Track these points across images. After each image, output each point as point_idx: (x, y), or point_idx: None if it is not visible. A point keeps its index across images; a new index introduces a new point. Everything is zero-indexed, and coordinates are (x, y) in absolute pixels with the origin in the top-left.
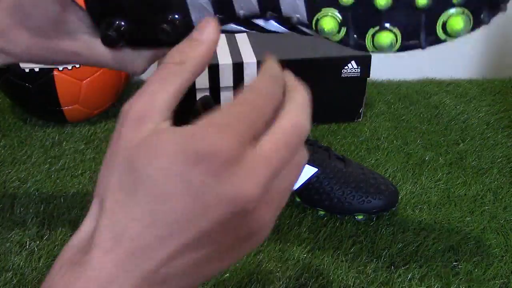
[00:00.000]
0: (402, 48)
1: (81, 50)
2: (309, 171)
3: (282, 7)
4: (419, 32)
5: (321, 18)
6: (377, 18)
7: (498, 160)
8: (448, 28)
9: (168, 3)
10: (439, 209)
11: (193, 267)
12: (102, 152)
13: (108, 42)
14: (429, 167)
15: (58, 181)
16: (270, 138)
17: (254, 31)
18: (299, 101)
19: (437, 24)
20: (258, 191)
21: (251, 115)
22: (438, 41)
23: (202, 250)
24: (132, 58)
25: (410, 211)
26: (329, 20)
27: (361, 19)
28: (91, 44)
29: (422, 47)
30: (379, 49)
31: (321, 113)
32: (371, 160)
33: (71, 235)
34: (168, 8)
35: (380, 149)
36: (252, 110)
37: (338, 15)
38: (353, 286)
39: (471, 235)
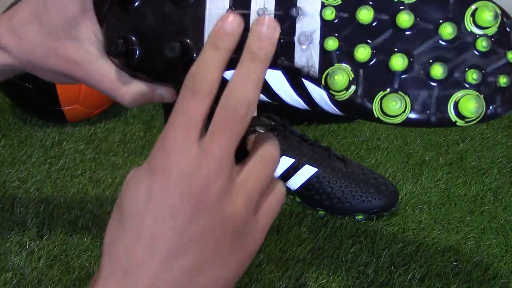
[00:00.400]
0: (408, 119)
1: (82, 60)
2: (309, 171)
3: (295, 56)
4: (430, 105)
5: (332, 72)
6: (389, 81)
7: (498, 160)
8: (460, 108)
9: (184, 28)
10: (439, 209)
11: (186, 276)
12: (102, 152)
13: (113, 50)
14: (429, 167)
15: (58, 181)
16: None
17: None
18: (264, 139)
19: (450, 101)
20: (213, 177)
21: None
22: (448, 120)
23: (186, 256)
24: (126, 84)
25: (410, 211)
26: (341, 75)
27: (373, 79)
28: (93, 57)
29: (430, 122)
30: (385, 113)
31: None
32: (371, 160)
33: (71, 235)
34: (182, 31)
35: (380, 149)
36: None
37: (351, 72)
38: (353, 286)
39: (471, 235)
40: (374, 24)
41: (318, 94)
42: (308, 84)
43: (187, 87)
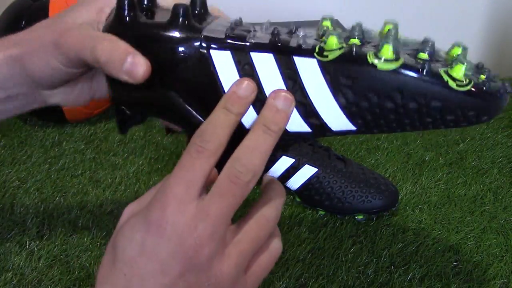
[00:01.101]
0: (403, 66)
1: (73, 28)
2: (309, 171)
3: (292, 39)
4: (422, 63)
5: (329, 33)
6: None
7: (498, 160)
8: (451, 71)
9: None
10: (439, 209)
11: None
12: (102, 152)
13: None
14: (429, 167)
15: (58, 181)
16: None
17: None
18: (269, 196)
19: (440, 69)
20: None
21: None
22: (439, 76)
23: None
24: (105, 37)
25: (410, 211)
26: (337, 33)
27: (368, 41)
28: (84, 27)
29: (424, 72)
30: (380, 57)
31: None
32: (371, 160)
33: (71, 235)
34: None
35: (380, 149)
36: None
37: (346, 37)
38: (353, 286)
39: (471, 235)
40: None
41: (308, 70)
42: (298, 62)
43: (193, 144)
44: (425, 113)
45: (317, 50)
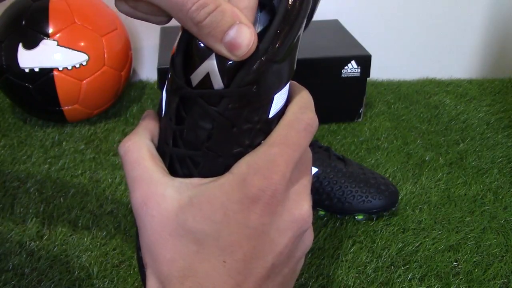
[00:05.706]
0: None
1: None
2: None
3: None
4: None
5: None
6: None
7: (498, 160)
8: None
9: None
10: (439, 209)
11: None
12: (102, 152)
13: None
14: (429, 167)
15: (58, 181)
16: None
17: None
18: (300, 103)
19: None
20: (309, 207)
21: (288, 154)
22: None
23: (275, 279)
24: None
25: (410, 211)
26: None
27: None
28: None
29: None
30: None
31: (321, 113)
32: (371, 160)
33: (71, 235)
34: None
35: (380, 149)
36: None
37: None
38: (353, 286)
39: (471, 235)
40: None
41: None
42: None
43: (300, 121)
44: None
45: None
